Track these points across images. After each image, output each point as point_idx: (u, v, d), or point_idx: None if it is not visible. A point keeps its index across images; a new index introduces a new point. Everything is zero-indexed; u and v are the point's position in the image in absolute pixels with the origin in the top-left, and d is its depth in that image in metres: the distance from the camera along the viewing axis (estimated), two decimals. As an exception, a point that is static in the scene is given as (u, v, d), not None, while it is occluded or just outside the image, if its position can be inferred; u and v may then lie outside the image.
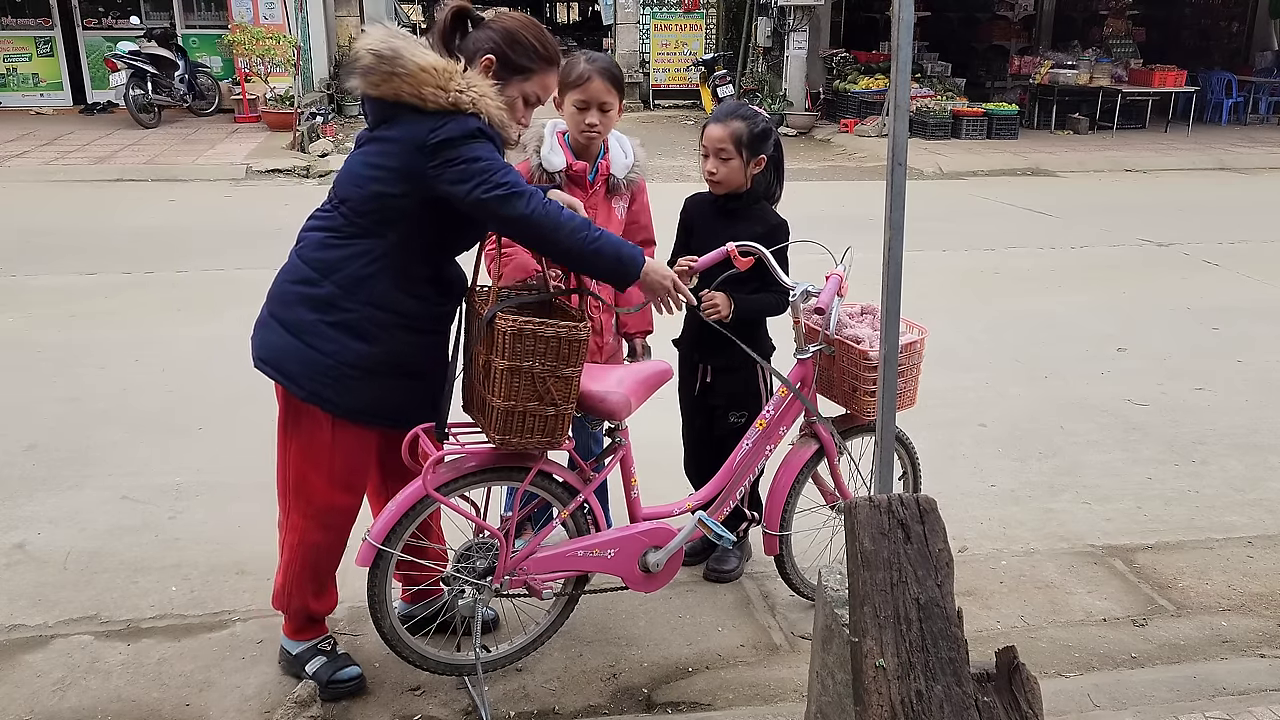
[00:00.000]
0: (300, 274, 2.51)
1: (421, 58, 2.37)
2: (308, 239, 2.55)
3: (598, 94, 2.95)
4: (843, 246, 2.96)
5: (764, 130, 3.10)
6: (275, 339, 2.52)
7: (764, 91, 15.57)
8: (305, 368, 2.48)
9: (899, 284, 2.28)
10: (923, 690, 1.88)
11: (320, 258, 2.49)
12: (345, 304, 2.46)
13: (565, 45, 21.87)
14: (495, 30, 2.51)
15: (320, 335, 2.47)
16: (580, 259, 2.46)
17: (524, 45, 2.51)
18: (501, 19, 2.55)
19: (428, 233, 2.49)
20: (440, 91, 2.36)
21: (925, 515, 2.01)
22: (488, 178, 2.35)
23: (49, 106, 14.93)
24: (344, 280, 2.46)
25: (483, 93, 2.40)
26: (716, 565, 3.41)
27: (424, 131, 2.36)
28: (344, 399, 2.50)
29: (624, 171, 3.11)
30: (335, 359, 2.46)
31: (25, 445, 4.34)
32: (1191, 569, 3.55)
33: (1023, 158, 12.76)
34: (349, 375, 2.48)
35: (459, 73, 2.39)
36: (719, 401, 3.25)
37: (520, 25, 2.54)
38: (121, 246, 7.76)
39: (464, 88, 2.38)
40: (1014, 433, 4.65)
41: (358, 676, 2.80)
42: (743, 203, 3.15)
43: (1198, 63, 16.69)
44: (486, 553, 2.64)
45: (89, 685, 2.83)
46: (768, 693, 2.86)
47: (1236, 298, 6.87)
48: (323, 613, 2.82)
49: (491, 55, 2.48)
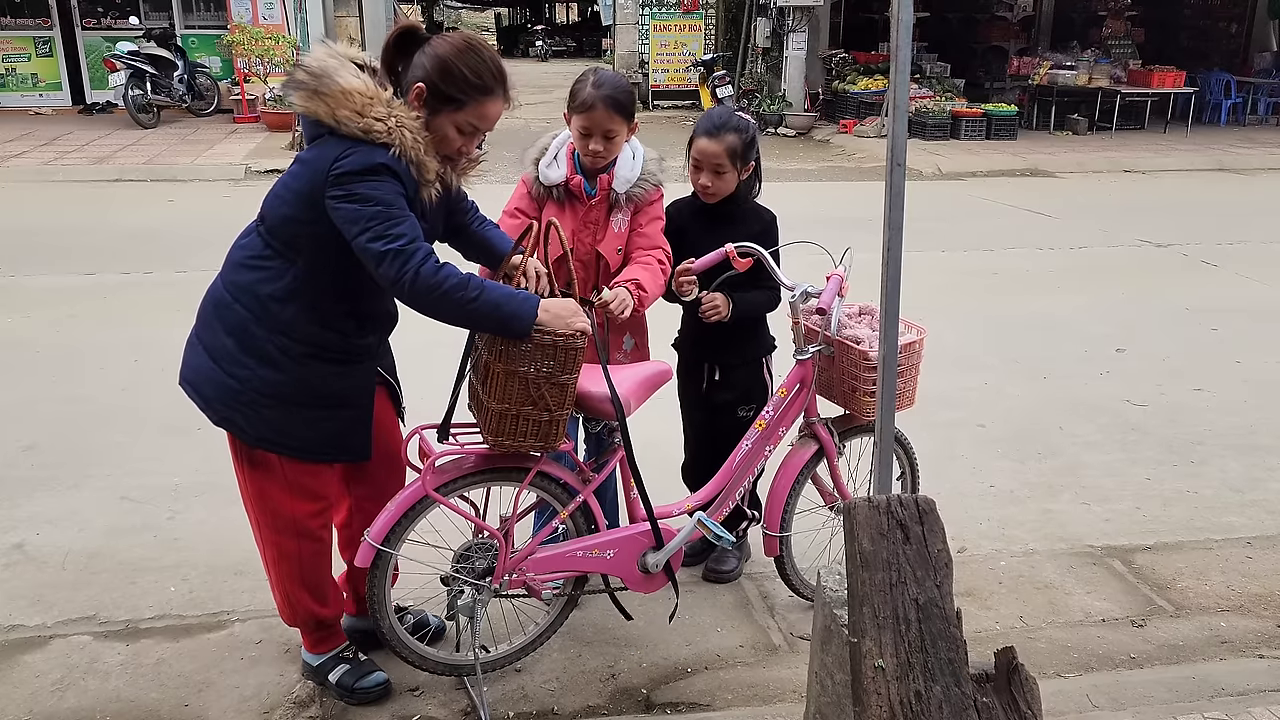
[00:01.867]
0: (217, 295, 2.47)
1: (346, 80, 2.28)
2: (229, 259, 2.49)
3: (600, 123, 2.86)
4: (842, 247, 2.96)
5: (753, 138, 3.09)
6: (194, 360, 2.49)
7: (763, 92, 15.59)
8: (218, 392, 2.43)
9: (898, 284, 2.28)
10: (921, 691, 1.88)
11: (235, 280, 2.44)
12: (255, 329, 2.39)
13: (563, 46, 21.83)
14: (428, 57, 2.36)
15: (232, 360, 2.41)
16: (463, 321, 2.37)
17: (454, 75, 2.35)
18: (438, 43, 2.38)
19: (334, 265, 2.37)
20: (355, 116, 2.26)
21: (924, 516, 2.01)
22: (374, 226, 2.24)
23: (48, 107, 14.93)
24: (254, 305, 2.39)
25: (401, 122, 2.29)
26: (715, 566, 3.41)
27: (330, 158, 2.28)
28: (253, 426, 2.43)
29: (625, 187, 2.99)
30: (245, 385, 2.41)
31: (24, 445, 4.34)
32: (1190, 569, 3.55)
33: (1021, 158, 12.77)
34: (259, 402, 2.41)
35: (382, 100, 2.30)
36: (729, 397, 3.24)
37: (453, 52, 2.36)
38: (120, 247, 7.77)
39: (382, 116, 2.27)
40: (1013, 433, 4.65)
41: (383, 682, 2.76)
42: (733, 205, 3.14)
43: (1196, 63, 16.68)
44: (486, 553, 2.64)
45: (88, 686, 2.83)
46: (767, 693, 2.86)
47: (1235, 298, 6.87)
48: (331, 618, 2.77)
49: (422, 84, 2.35)
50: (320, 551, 2.65)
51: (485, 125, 2.46)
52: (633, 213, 3.01)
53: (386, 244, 2.24)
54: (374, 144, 2.28)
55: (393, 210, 2.27)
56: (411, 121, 2.32)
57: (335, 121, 2.28)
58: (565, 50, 36.12)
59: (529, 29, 39.43)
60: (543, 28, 38.67)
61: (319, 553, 2.65)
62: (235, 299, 2.42)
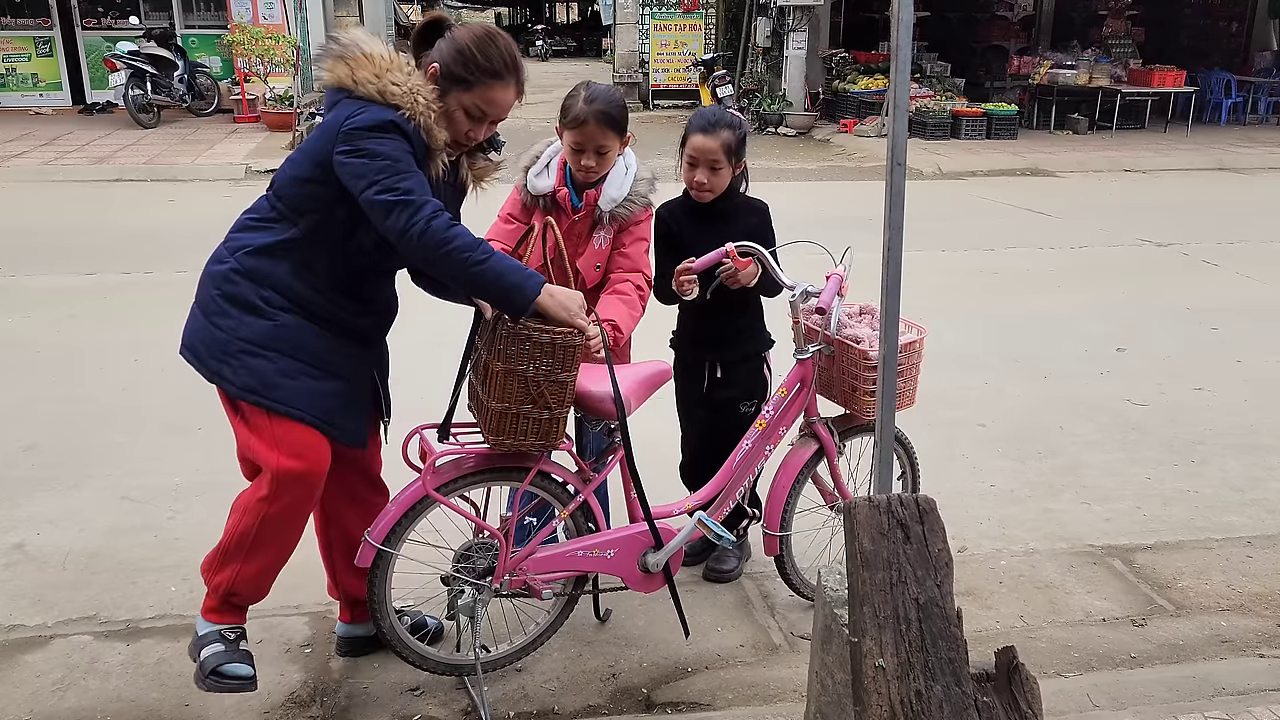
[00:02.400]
0: (214, 255, 2.50)
1: (369, 46, 2.39)
2: (233, 225, 2.52)
3: (593, 138, 2.85)
4: (842, 247, 2.96)
5: (744, 135, 3.10)
6: (191, 322, 2.49)
7: (763, 92, 15.60)
8: (207, 345, 2.42)
9: (898, 284, 2.28)
10: (922, 690, 1.88)
11: (233, 239, 2.48)
12: (243, 282, 2.40)
13: (564, 45, 21.81)
14: (447, 40, 2.46)
15: (219, 311, 2.41)
16: (466, 282, 2.35)
17: (465, 55, 2.42)
18: (458, 30, 2.49)
19: (337, 234, 2.41)
20: (373, 78, 2.34)
21: (925, 515, 2.01)
22: (382, 180, 2.26)
23: (48, 106, 14.93)
24: (246, 259, 2.41)
25: (415, 89, 2.36)
26: (716, 565, 3.41)
27: (343, 116, 2.33)
28: (238, 376, 2.38)
29: (611, 205, 2.96)
30: (230, 334, 2.39)
31: (24, 445, 4.34)
32: (1191, 569, 3.55)
33: (1022, 158, 12.77)
34: (243, 351, 2.38)
35: (400, 66, 2.38)
36: (731, 393, 3.24)
37: (469, 36, 2.46)
38: (121, 246, 7.77)
39: (400, 81, 2.35)
40: (1013, 433, 4.65)
41: (247, 678, 2.49)
42: (724, 201, 3.13)
43: (1197, 63, 16.68)
44: (486, 553, 2.64)
45: (88, 685, 2.83)
46: (767, 693, 2.86)
47: (1235, 298, 6.87)
48: (245, 597, 2.55)
49: (436, 64, 2.43)
50: (289, 527, 2.49)
51: (493, 111, 2.48)
52: (617, 231, 3.00)
53: (395, 196, 2.26)
54: (387, 104, 2.33)
55: (400, 165, 2.29)
56: (426, 90, 2.38)
57: (354, 82, 2.35)
58: (566, 50, 36.16)
59: (529, 28, 39.45)
60: (543, 27, 38.72)
61: (287, 526, 2.48)
62: (230, 254, 2.45)
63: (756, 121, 15.35)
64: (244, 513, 2.47)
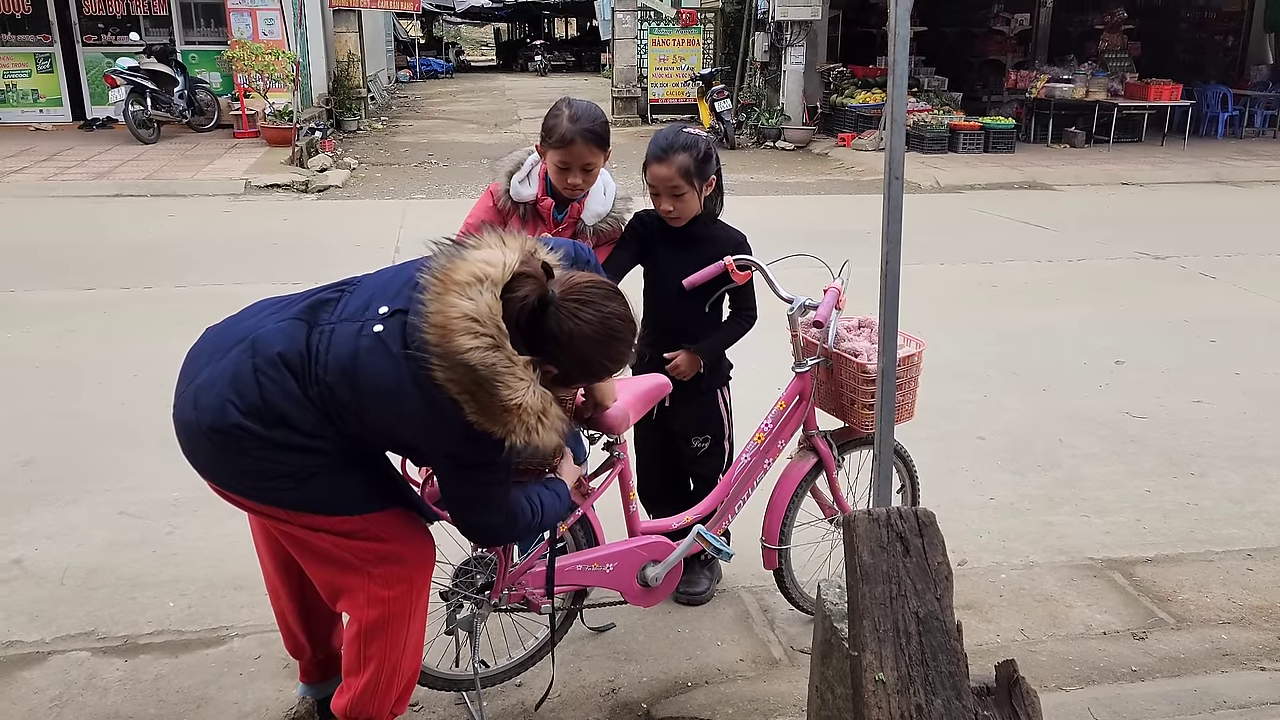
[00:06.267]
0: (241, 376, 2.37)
1: (514, 392, 1.98)
2: (269, 339, 2.38)
3: (580, 156, 2.85)
4: (840, 260, 2.97)
5: (707, 152, 2.95)
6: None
7: (761, 106, 15.66)
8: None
9: (897, 297, 2.29)
10: (922, 704, 1.87)
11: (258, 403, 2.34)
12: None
13: (562, 60, 21.86)
14: (565, 341, 2.06)
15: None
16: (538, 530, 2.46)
17: (591, 368, 2.18)
18: (578, 321, 2.06)
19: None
20: (499, 429, 2.02)
21: (924, 529, 2.01)
22: (469, 505, 2.26)
23: (48, 122, 14.96)
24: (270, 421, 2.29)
25: (543, 439, 2.06)
26: (687, 588, 3.31)
27: (448, 436, 2.08)
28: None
29: (594, 220, 2.98)
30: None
31: (23, 460, 4.33)
32: (1191, 582, 3.55)
33: (1019, 171, 12.80)
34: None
35: (536, 416, 2.04)
36: (679, 427, 3.19)
37: (593, 341, 2.08)
38: (120, 262, 7.77)
39: (525, 437, 2.03)
40: (1013, 445, 4.65)
41: None
42: (699, 226, 3.06)
43: (1193, 76, 16.75)
44: (485, 568, 2.63)
45: (86, 702, 2.82)
46: (767, 707, 2.85)
47: (1234, 310, 6.88)
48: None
49: (554, 368, 2.11)
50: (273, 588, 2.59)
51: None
52: (594, 245, 3.00)
53: (477, 519, 2.30)
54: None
55: (494, 490, 2.21)
56: (553, 434, 2.09)
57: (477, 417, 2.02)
58: (564, 65, 36.30)
59: (528, 44, 39.67)
60: (541, 42, 38.89)
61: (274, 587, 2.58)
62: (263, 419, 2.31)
63: (755, 135, 15.40)
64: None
